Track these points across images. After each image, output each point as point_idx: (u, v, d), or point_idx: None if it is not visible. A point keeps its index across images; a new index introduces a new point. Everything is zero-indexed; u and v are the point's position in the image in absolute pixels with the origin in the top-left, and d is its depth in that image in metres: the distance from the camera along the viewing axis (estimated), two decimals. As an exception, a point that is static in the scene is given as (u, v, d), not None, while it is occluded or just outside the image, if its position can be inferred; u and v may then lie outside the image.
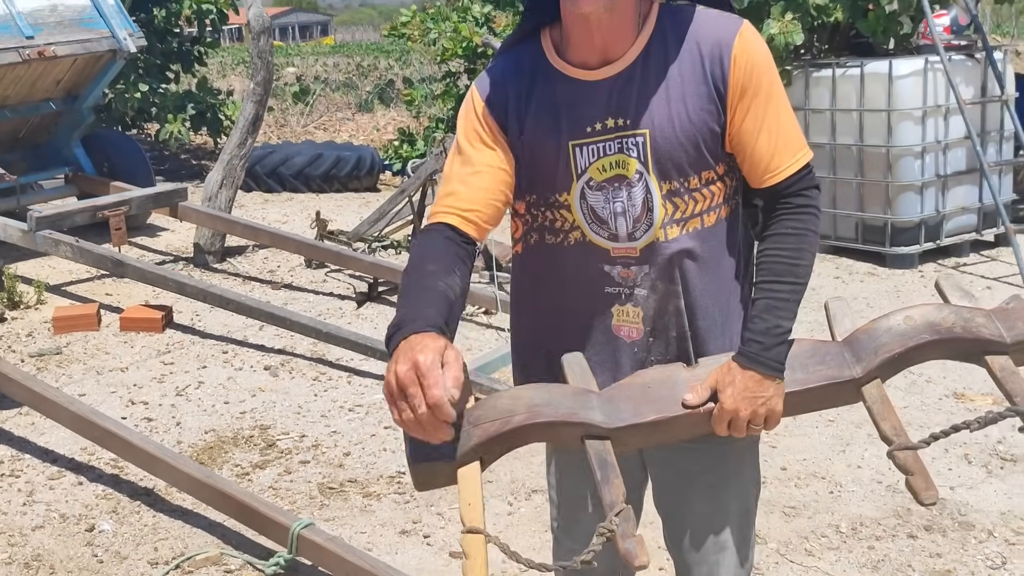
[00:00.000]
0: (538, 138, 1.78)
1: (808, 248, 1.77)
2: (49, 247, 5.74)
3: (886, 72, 6.36)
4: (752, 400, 1.69)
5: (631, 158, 1.75)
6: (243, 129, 6.78)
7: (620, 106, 1.74)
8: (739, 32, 1.73)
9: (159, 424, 4.35)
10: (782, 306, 1.72)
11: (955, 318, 1.76)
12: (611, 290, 1.83)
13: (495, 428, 1.62)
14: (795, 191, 1.77)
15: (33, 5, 6.52)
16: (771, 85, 1.75)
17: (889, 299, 5.89)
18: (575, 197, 1.80)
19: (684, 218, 1.78)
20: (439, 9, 9.68)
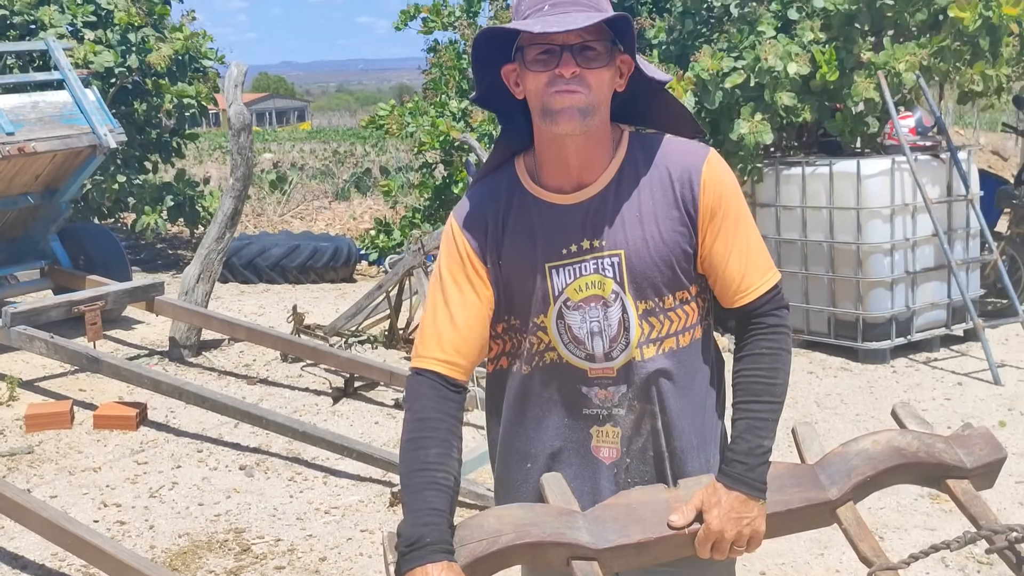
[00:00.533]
0: (515, 262, 1.83)
1: (782, 367, 1.83)
2: (23, 343, 5.70)
3: (855, 171, 6.51)
4: (737, 521, 1.73)
5: (607, 278, 1.80)
6: (221, 223, 6.82)
7: (595, 228, 1.80)
8: (707, 159, 1.82)
9: (132, 527, 4.29)
10: (762, 426, 1.77)
11: (918, 443, 1.85)
12: (589, 412, 1.86)
13: (481, 549, 1.63)
14: (766, 311, 1.84)
15: (14, 102, 6.58)
16: (739, 209, 1.83)
17: (862, 394, 5.95)
18: (552, 318, 1.83)
19: (660, 337, 1.83)
20: (417, 103, 9.84)
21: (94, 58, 8.72)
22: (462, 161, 8.80)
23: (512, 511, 1.69)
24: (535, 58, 1.73)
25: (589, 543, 1.68)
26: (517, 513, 1.69)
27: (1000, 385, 5.99)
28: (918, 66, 6.58)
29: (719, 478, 1.75)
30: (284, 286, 9.32)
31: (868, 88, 6.57)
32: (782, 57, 6.58)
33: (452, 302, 1.84)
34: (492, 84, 1.85)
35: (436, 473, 1.73)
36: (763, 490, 1.75)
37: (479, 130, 8.58)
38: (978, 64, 6.73)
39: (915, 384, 6.13)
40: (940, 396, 5.89)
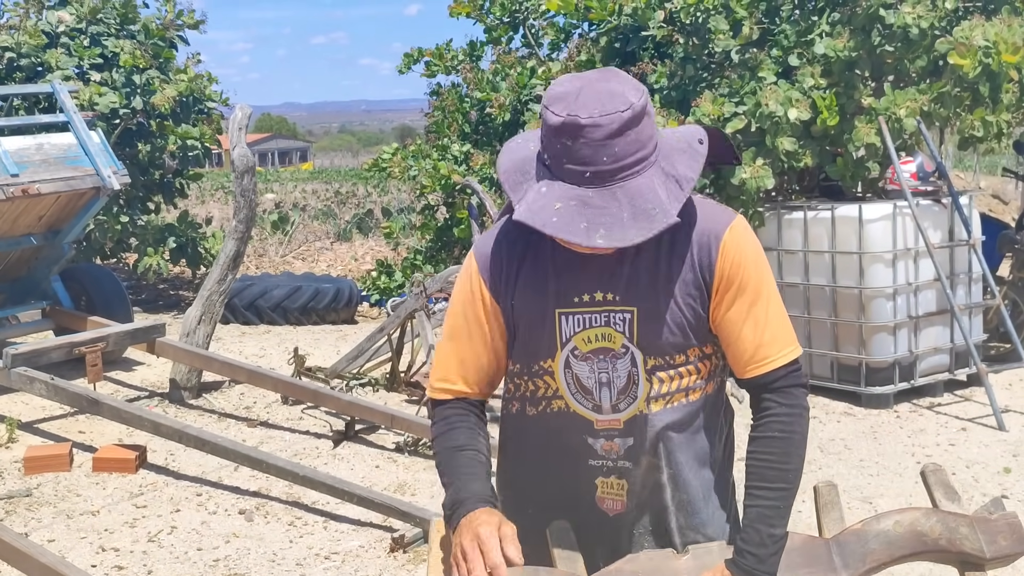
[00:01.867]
0: (526, 303, 1.83)
1: (795, 451, 1.78)
2: (24, 384, 5.69)
3: (856, 216, 6.52)
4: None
5: (617, 332, 1.79)
6: (224, 265, 6.82)
7: (611, 281, 1.78)
8: (730, 225, 1.78)
9: (129, 572, 4.24)
10: (773, 514, 1.74)
11: (942, 528, 1.82)
12: (594, 463, 1.85)
13: None
14: (780, 387, 1.79)
15: (20, 144, 6.61)
16: (759, 279, 1.78)
17: (866, 439, 5.91)
18: (559, 365, 1.82)
19: (669, 392, 1.81)
20: (419, 147, 9.88)
21: (99, 99, 8.77)
22: (464, 204, 8.83)
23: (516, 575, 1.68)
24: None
25: None
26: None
27: (1004, 431, 5.96)
28: (919, 112, 6.61)
29: (729, 566, 1.73)
30: (285, 327, 9.31)
31: (869, 133, 6.60)
32: (783, 103, 6.61)
33: (469, 336, 1.88)
34: None
35: (466, 451, 1.84)
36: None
37: (480, 173, 8.61)
38: (978, 110, 6.76)
39: (919, 429, 6.10)
40: (944, 442, 5.85)
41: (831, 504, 1.81)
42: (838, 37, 6.76)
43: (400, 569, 4.26)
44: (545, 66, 8.73)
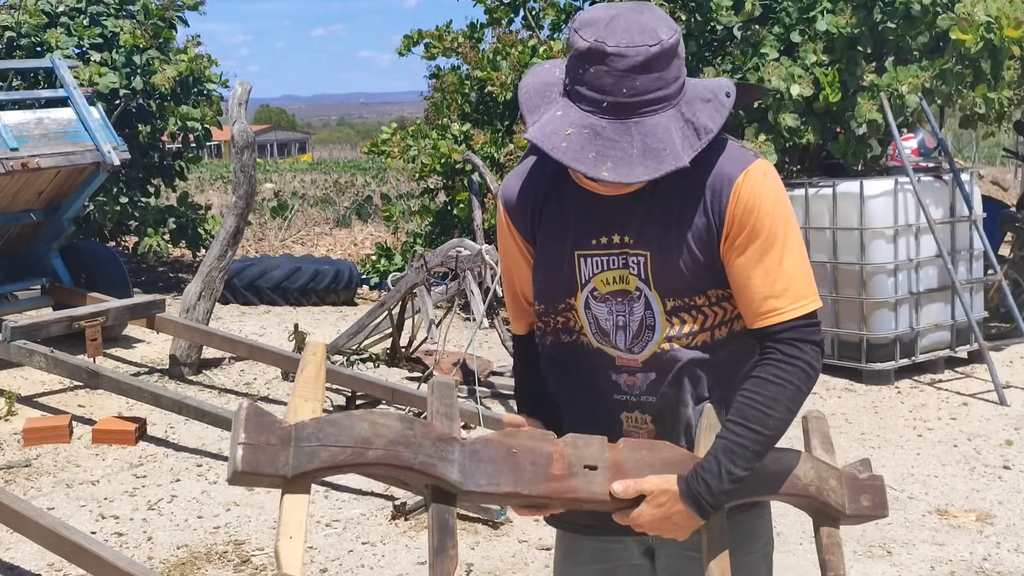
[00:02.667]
0: (548, 244, 1.82)
1: (785, 401, 1.69)
2: (23, 357, 5.67)
3: (858, 192, 6.51)
4: (667, 527, 1.71)
5: (632, 275, 1.77)
6: (223, 242, 6.81)
7: (626, 224, 1.76)
8: (746, 170, 1.71)
9: (130, 539, 4.24)
10: (740, 452, 1.68)
11: (814, 475, 1.82)
12: (619, 397, 1.84)
13: (345, 457, 1.56)
14: (787, 339, 1.71)
15: (19, 118, 6.59)
16: (775, 225, 1.70)
17: (867, 414, 5.91)
18: (581, 304, 1.82)
19: (692, 332, 1.78)
20: (419, 127, 9.86)
21: (99, 79, 8.74)
22: (463, 184, 8.81)
23: (390, 423, 1.59)
24: None
25: (456, 482, 1.60)
26: (394, 427, 1.59)
27: (1006, 405, 5.95)
28: (920, 88, 6.60)
29: (680, 483, 1.68)
30: (285, 308, 9.29)
31: (871, 110, 6.59)
32: (785, 79, 6.61)
33: (511, 274, 1.93)
34: None
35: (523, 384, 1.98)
36: (711, 512, 1.70)
37: (481, 152, 8.59)
38: (980, 87, 6.75)
39: (920, 404, 6.10)
40: (946, 416, 5.85)
41: (713, 427, 1.75)
42: (840, 14, 6.75)
43: (402, 536, 4.25)
44: (547, 45, 8.69)
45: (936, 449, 5.28)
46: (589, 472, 1.67)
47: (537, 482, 1.64)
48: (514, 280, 1.92)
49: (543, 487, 1.65)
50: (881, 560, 3.98)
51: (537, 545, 4.09)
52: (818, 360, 1.72)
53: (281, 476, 1.51)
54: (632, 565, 1.93)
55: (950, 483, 4.81)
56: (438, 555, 1.56)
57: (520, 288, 1.91)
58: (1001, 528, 4.27)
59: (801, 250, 1.74)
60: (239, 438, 1.52)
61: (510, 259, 1.91)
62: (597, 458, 1.69)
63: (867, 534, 4.19)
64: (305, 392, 1.59)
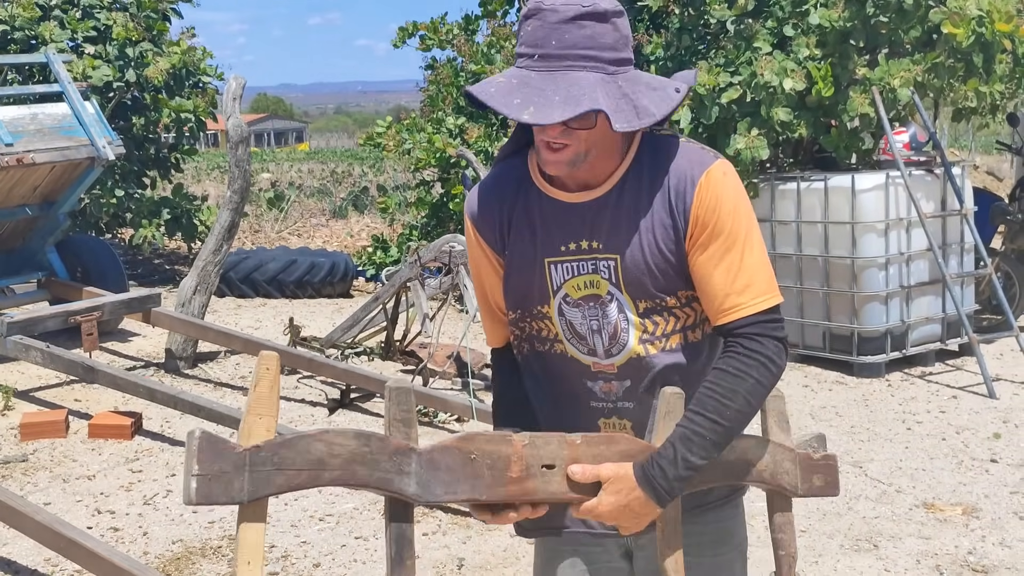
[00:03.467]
0: (517, 254, 1.85)
1: (744, 393, 1.71)
2: (19, 352, 5.70)
3: (849, 186, 6.54)
4: (626, 515, 1.72)
5: (603, 279, 1.80)
6: (218, 236, 6.84)
7: (594, 229, 1.79)
8: (707, 170, 1.75)
9: (125, 534, 4.28)
10: (697, 441, 1.70)
11: (768, 461, 1.86)
12: (595, 404, 1.87)
13: (302, 480, 1.55)
14: (748, 334, 1.74)
15: (13, 114, 6.61)
16: (736, 224, 1.74)
17: (858, 407, 5.95)
18: (554, 311, 1.85)
19: (665, 334, 1.81)
20: (414, 120, 9.88)
21: (92, 72, 8.76)
22: (459, 177, 8.83)
23: (345, 441, 1.58)
24: None
25: (414, 495, 1.61)
26: (349, 446, 1.58)
27: (995, 398, 6.00)
28: (912, 82, 6.63)
29: (635, 468, 1.70)
30: (281, 301, 9.32)
31: (863, 104, 6.61)
32: (778, 73, 6.62)
33: (484, 289, 1.96)
34: None
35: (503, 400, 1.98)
36: (668, 500, 1.71)
37: (475, 146, 8.62)
38: (972, 81, 6.77)
39: (910, 397, 6.14)
40: (935, 409, 5.89)
41: (672, 414, 1.76)
42: (832, 7, 6.77)
43: (394, 530, 4.29)
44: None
45: (925, 442, 5.33)
46: (547, 472, 1.69)
47: (495, 487, 1.66)
48: (487, 292, 1.95)
49: (501, 491, 1.67)
50: (868, 554, 4.03)
51: (528, 540, 4.14)
52: (780, 356, 1.74)
53: (237, 503, 1.51)
54: (611, 567, 1.97)
55: (937, 476, 4.86)
56: (396, 566, 1.59)
57: (493, 299, 1.94)
58: (987, 522, 4.32)
59: (762, 248, 1.78)
60: (192, 469, 1.49)
61: (482, 271, 1.94)
62: (555, 456, 1.70)
63: (854, 528, 4.24)
64: (260, 408, 1.57)
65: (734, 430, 1.73)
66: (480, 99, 1.68)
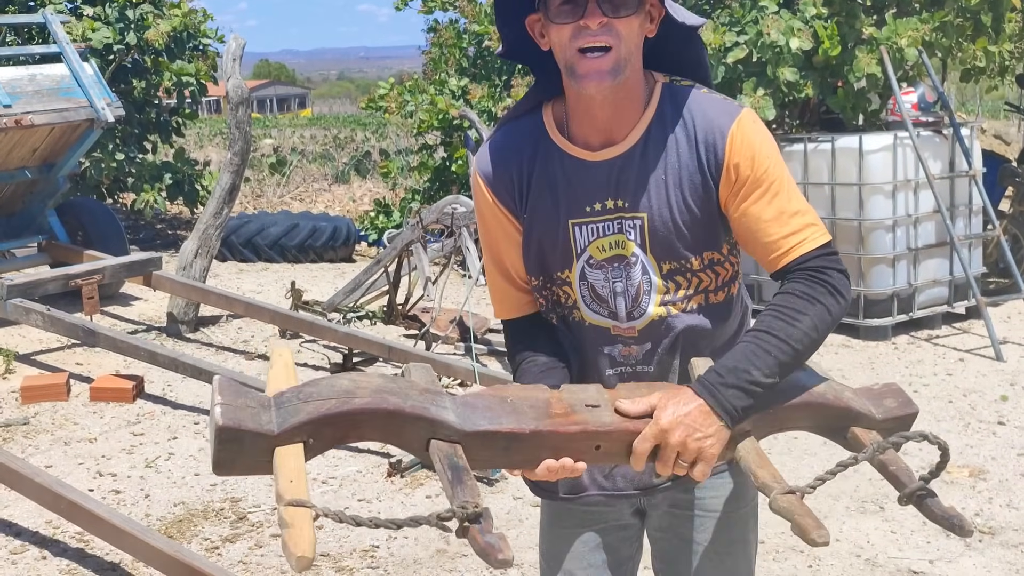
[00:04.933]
0: (539, 216, 1.78)
1: (814, 317, 1.62)
2: (20, 315, 5.67)
3: (856, 147, 6.47)
4: (690, 429, 1.55)
5: (629, 240, 1.74)
6: (219, 199, 6.78)
7: (619, 188, 1.73)
8: (737, 119, 1.70)
9: (127, 496, 4.26)
10: (761, 356, 1.59)
11: (825, 387, 1.71)
12: (612, 371, 1.81)
13: (329, 407, 1.43)
14: (814, 266, 1.67)
15: (11, 75, 6.54)
16: (772, 170, 1.68)
17: (863, 371, 5.92)
18: (575, 276, 1.79)
19: (687, 296, 1.76)
20: (416, 82, 9.79)
21: (92, 35, 8.67)
22: (461, 140, 8.76)
23: (371, 377, 1.50)
24: (559, 9, 1.63)
25: (455, 423, 1.48)
26: (377, 380, 1.49)
27: (1002, 361, 5.96)
28: (920, 41, 6.53)
29: (691, 384, 1.61)
30: (283, 265, 9.28)
31: (870, 63, 6.52)
32: (784, 32, 6.53)
33: (497, 254, 1.86)
34: (518, 36, 1.76)
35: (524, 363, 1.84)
36: (732, 415, 1.57)
37: (478, 107, 8.54)
38: (980, 40, 6.68)
39: (916, 360, 6.10)
40: (942, 372, 5.86)
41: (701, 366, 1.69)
42: (841, -35, 6.66)
43: (397, 493, 4.28)
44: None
45: (931, 405, 5.29)
46: (592, 408, 1.58)
47: (541, 419, 1.53)
48: (503, 258, 1.85)
49: (548, 423, 1.53)
50: (874, 516, 4.00)
51: (532, 502, 4.12)
52: (847, 288, 1.67)
53: (266, 432, 1.39)
54: (621, 525, 1.93)
55: (944, 438, 4.81)
56: (456, 485, 1.41)
57: (512, 265, 1.84)
58: (994, 483, 4.29)
59: (799, 191, 1.73)
60: (216, 400, 1.41)
61: (496, 236, 1.83)
62: (597, 399, 1.60)
63: (860, 489, 4.21)
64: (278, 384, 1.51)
65: (801, 354, 1.62)
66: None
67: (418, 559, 3.69)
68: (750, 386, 1.58)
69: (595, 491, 1.87)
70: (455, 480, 1.42)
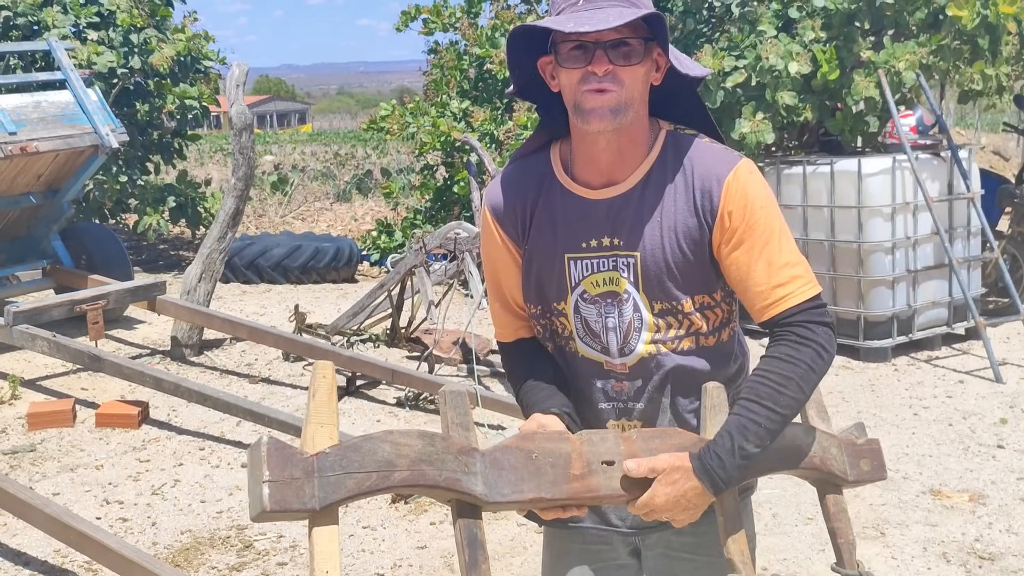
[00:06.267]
0: (538, 248, 1.85)
1: (798, 380, 1.70)
2: (26, 342, 5.71)
3: (855, 170, 6.52)
4: (681, 506, 1.70)
5: (623, 277, 1.80)
6: (223, 223, 6.83)
7: (616, 226, 1.79)
8: (734, 168, 1.75)
9: (134, 524, 4.29)
10: (753, 430, 1.69)
11: (817, 446, 1.85)
12: (605, 406, 1.87)
13: (372, 482, 1.54)
14: (798, 322, 1.73)
15: (16, 102, 6.60)
16: (768, 219, 1.74)
17: (864, 392, 5.95)
18: (570, 308, 1.85)
19: (678, 336, 1.82)
20: (418, 104, 9.85)
21: (96, 59, 8.74)
22: (463, 162, 8.81)
23: (410, 441, 1.58)
24: (568, 54, 1.71)
25: (481, 494, 1.60)
26: (415, 446, 1.58)
27: (1002, 383, 5.99)
28: (918, 65, 6.59)
29: (692, 460, 1.69)
30: (286, 286, 9.32)
31: (868, 87, 6.58)
32: (783, 56, 6.59)
33: (505, 286, 1.93)
34: (528, 75, 1.84)
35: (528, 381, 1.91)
36: (722, 489, 1.70)
37: (480, 130, 8.59)
38: (977, 63, 6.74)
39: (917, 382, 6.14)
40: (942, 394, 5.89)
41: (718, 407, 1.77)
42: (838, -10, 6.72)
43: (401, 520, 4.31)
44: (544, 22, 8.67)
45: (931, 428, 5.33)
46: (607, 468, 1.69)
47: (559, 484, 1.66)
48: (502, 286, 1.93)
49: (565, 488, 1.66)
50: (875, 541, 4.03)
51: (536, 529, 4.15)
52: (831, 342, 1.74)
53: (309, 510, 1.48)
54: (619, 565, 1.98)
55: (944, 463, 4.86)
56: (472, 570, 1.57)
57: (510, 294, 1.93)
58: (993, 508, 4.32)
59: (793, 241, 1.79)
60: (263, 476, 1.46)
61: (499, 264, 1.92)
62: (613, 452, 1.70)
63: (861, 515, 4.24)
64: (320, 417, 1.56)
65: (788, 418, 1.72)
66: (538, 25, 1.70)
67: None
68: (744, 461, 1.69)
69: (590, 523, 1.95)
70: (471, 562, 1.58)
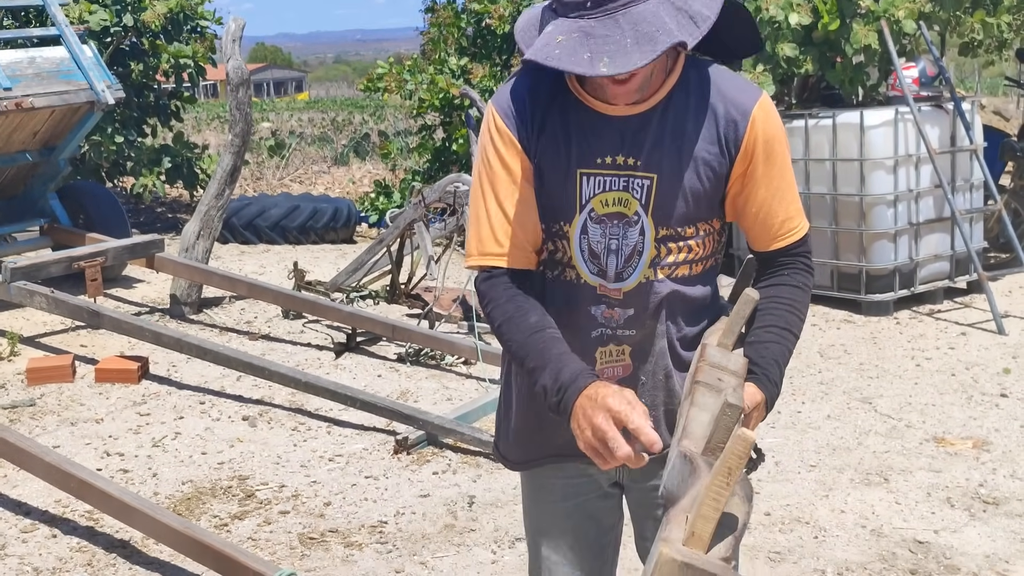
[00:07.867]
0: (548, 162, 1.78)
1: (806, 306, 1.86)
2: (24, 298, 5.68)
3: (858, 122, 6.46)
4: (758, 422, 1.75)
5: (634, 198, 1.76)
6: (221, 180, 6.78)
7: (633, 146, 1.75)
8: (758, 101, 1.76)
9: (135, 475, 4.28)
10: (787, 357, 1.78)
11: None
12: (595, 333, 1.83)
13: None
14: (802, 252, 1.86)
15: (11, 57, 6.52)
16: (784, 155, 1.80)
17: (866, 345, 5.94)
18: (575, 229, 1.79)
19: (675, 263, 1.80)
20: (416, 62, 9.75)
21: (89, 16, 8.64)
22: (462, 119, 8.74)
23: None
24: None
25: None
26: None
27: (1004, 335, 5.98)
28: (917, 14, 6.51)
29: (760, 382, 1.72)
30: (284, 246, 9.28)
31: (867, 35, 6.50)
32: (783, 7, 6.52)
33: (504, 191, 1.79)
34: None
35: (546, 330, 1.75)
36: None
37: (479, 86, 8.52)
38: (978, 12, 6.67)
39: (919, 335, 6.12)
40: (944, 346, 5.87)
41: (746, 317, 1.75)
42: (840, -61, 6.63)
43: (404, 469, 4.30)
44: (543, -24, 8.57)
45: (934, 378, 5.31)
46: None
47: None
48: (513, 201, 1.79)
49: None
50: (878, 487, 4.02)
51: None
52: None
53: None
54: (602, 495, 1.97)
55: (947, 411, 4.85)
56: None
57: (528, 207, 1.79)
58: (997, 455, 4.32)
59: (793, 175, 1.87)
60: None
61: (507, 177, 1.78)
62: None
63: (864, 462, 4.24)
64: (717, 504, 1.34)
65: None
66: (547, 65, 1.61)
67: (426, 534, 3.72)
68: (782, 380, 1.79)
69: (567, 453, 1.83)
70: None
